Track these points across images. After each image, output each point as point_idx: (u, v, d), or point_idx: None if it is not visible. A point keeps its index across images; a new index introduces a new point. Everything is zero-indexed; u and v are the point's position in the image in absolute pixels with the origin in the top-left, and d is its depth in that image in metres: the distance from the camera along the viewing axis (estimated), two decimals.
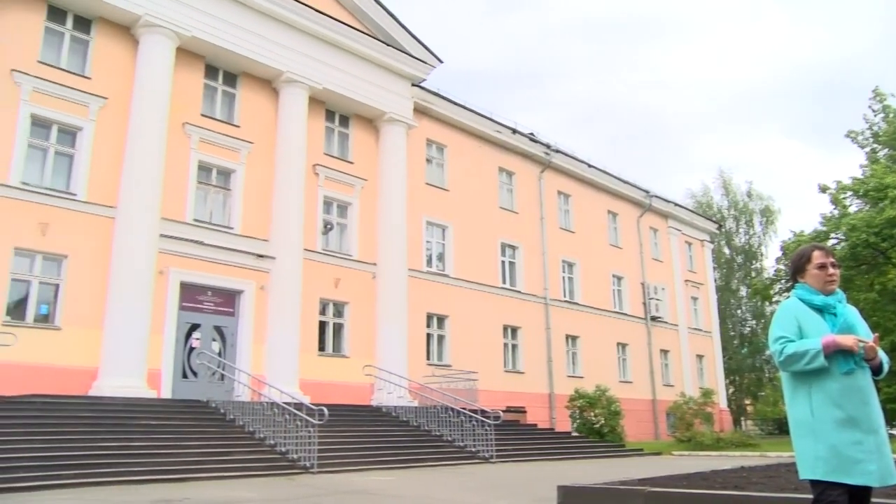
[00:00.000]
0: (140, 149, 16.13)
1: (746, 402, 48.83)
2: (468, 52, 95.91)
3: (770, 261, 44.41)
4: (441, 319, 22.67)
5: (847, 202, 26.33)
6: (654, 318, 31.55)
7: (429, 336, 22.19)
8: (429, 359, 21.83)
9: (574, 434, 22.39)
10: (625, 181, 31.64)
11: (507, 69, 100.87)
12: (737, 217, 48.98)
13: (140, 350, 15.18)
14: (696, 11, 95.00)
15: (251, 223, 18.45)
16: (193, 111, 17.96)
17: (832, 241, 25.33)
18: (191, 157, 17.67)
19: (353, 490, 9.91)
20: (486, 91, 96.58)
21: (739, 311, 47.97)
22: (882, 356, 3.41)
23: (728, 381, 42.90)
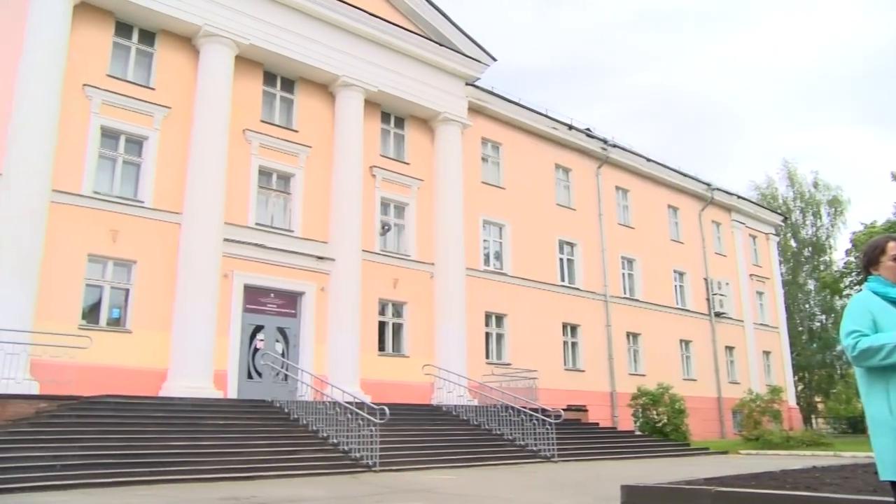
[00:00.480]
0: (203, 156, 16.61)
1: (817, 400, 47.24)
2: (522, 50, 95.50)
3: (839, 253, 42.90)
4: (499, 318, 22.63)
5: None
6: (719, 314, 30.80)
7: (487, 335, 22.18)
8: (488, 357, 21.83)
9: (637, 433, 22.08)
10: (685, 174, 31.00)
11: (562, 66, 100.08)
12: (803, 209, 47.41)
13: (207, 352, 15.63)
14: None
15: (311, 226, 18.77)
16: (253, 117, 18.39)
17: None
18: (251, 163, 18.09)
19: (417, 488, 9.98)
20: (541, 88, 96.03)
21: (807, 306, 46.40)
22: None
23: (797, 378, 41.58)
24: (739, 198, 34.68)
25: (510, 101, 24.29)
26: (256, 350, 17.19)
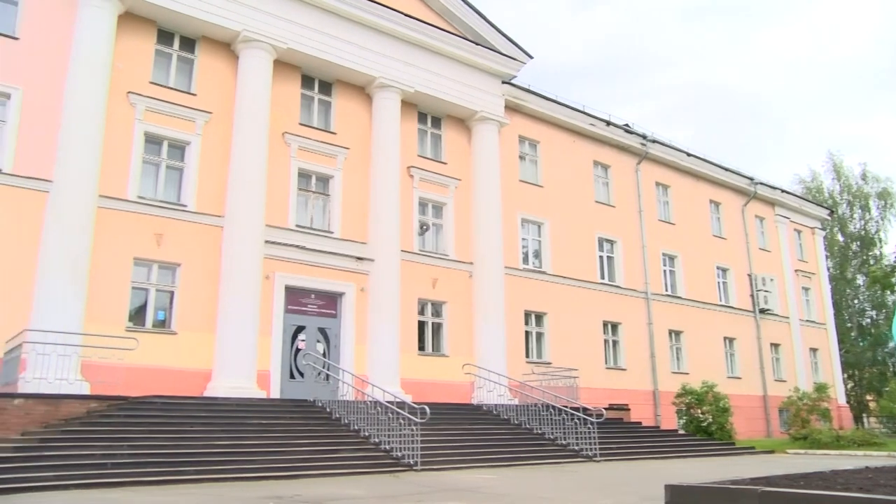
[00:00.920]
0: (243, 159, 16.88)
1: (868, 398, 45.93)
2: (558, 48, 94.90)
3: (890, 247, 41.76)
4: (539, 317, 22.52)
5: None
6: (763, 311, 30.19)
7: (527, 334, 22.08)
8: (528, 356, 21.74)
9: (680, 432, 21.77)
10: (727, 169, 30.45)
11: (599, 62, 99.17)
12: (850, 202, 46.15)
13: (250, 352, 15.88)
14: None
15: (350, 226, 18.93)
16: (292, 120, 18.61)
17: None
18: (291, 165, 18.32)
19: (459, 487, 9.99)
20: (578, 85, 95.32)
21: (856, 302, 45.17)
22: None
23: (846, 376, 40.48)
24: (783, 192, 33.95)
25: (547, 99, 24.14)
26: (298, 350, 17.40)
